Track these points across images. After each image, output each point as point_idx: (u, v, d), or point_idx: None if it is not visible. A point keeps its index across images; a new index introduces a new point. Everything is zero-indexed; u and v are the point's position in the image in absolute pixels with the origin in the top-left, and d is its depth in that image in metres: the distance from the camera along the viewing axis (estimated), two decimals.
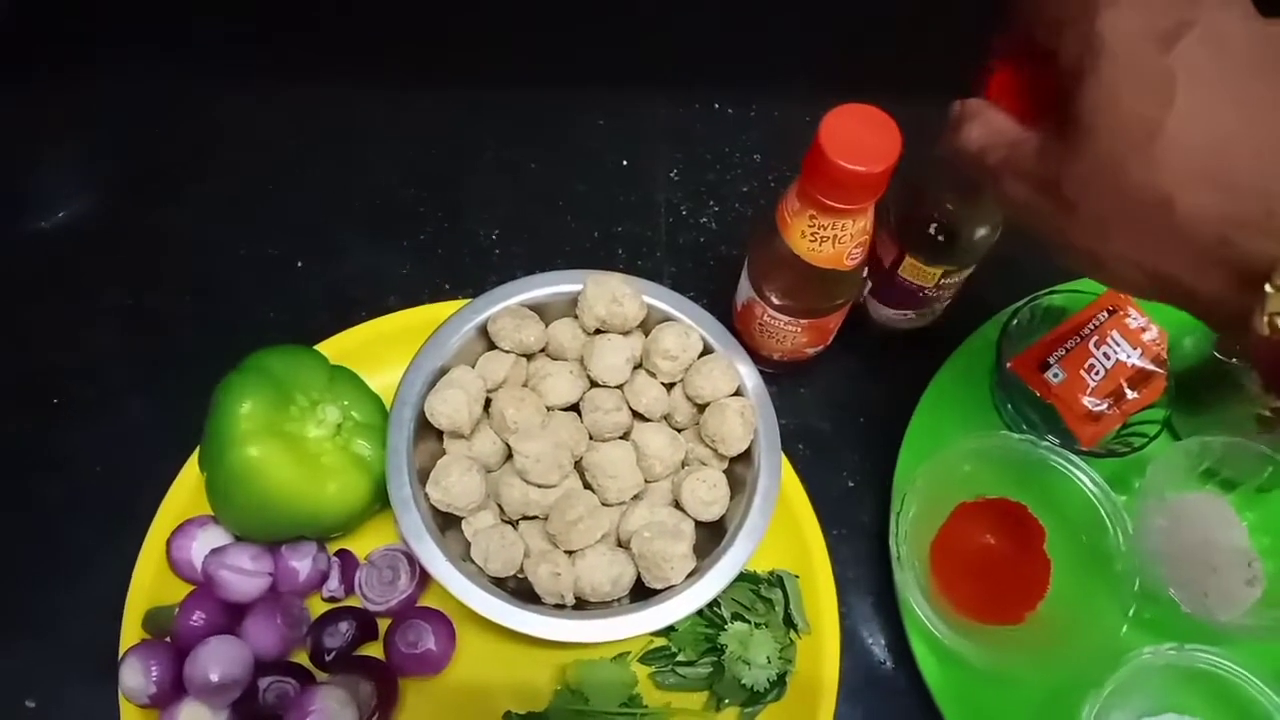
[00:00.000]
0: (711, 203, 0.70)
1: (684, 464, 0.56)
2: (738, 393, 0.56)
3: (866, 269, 0.58)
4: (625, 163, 0.70)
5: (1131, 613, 0.54)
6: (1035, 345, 0.61)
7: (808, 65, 0.71)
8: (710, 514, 0.54)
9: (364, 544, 0.56)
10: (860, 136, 0.46)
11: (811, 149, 0.47)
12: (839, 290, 0.55)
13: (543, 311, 0.58)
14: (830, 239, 0.50)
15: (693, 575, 0.52)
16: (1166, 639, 0.54)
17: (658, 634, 0.55)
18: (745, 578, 0.56)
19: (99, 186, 0.68)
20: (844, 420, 0.63)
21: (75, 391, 0.61)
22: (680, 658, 0.55)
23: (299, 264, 0.66)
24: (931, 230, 0.53)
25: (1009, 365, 0.61)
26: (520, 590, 0.53)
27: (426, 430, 0.55)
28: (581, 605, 0.52)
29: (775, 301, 0.56)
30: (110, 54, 0.72)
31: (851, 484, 0.61)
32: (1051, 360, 0.60)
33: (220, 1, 0.73)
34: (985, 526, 0.59)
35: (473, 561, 0.53)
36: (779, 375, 0.64)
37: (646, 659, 0.55)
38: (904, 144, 0.46)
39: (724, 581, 0.52)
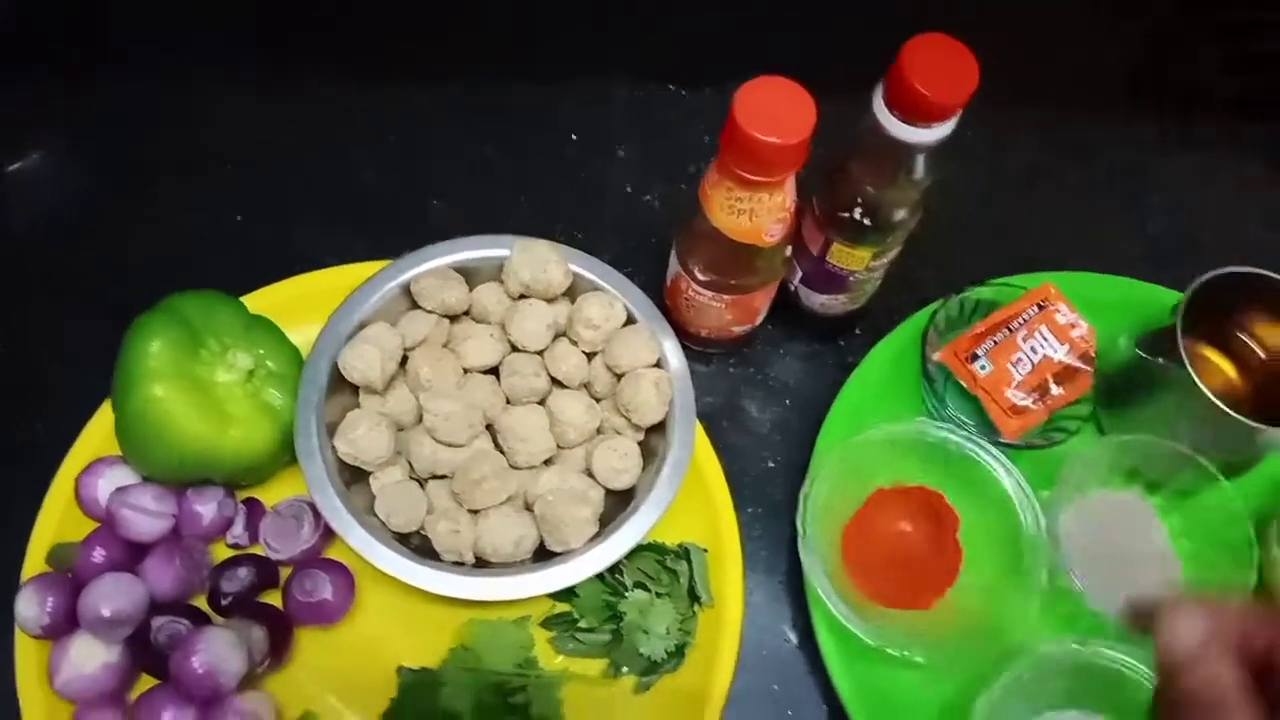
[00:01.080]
0: (659, 183, 0.70)
1: (600, 432, 0.57)
2: (658, 365, 0.56)
3: (797, 258, 0.59)
4: (575, 138, 0.70)
5: (1038, 605, 0.53)
6: (965, 336, 0.60)
7: (764, 50, 0.70)
8: (620, 482, 0.54)
9: (275, 494, 0.56)
10: (775, 109, 0.46)
11: (727, 121, 0.47)
12: (761, 267, 0.55)
13: (471, 275, 0.58)
14: (747, 212, 0.50)
15: (595, 541, 0.52)
16: (1078, 634, 0.54)
17: (560, 599, 0.55)
18: (652, 548, 0.56)
19: (88, 183, 0.69)
20: (771, 401, 0.63)
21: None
22: (582, 624, 0.55)
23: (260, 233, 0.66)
24: (853, 214, 0.53)
25: (938, 356, 0.61)
26: (423, 548, 0.53)
27: (342, 385, 0.55)
28: (483, 565, 0.53)
29: (700, 277, 0.56)
30: (104, 54, 0.72)
31: (772, 464, 0.61)
32: (980, 352, 0.60)
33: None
34: (901, 513, 0.59)
35: (377, 516, 0.53)
36: (710, 354, 0.64)
37: (548, 624, 0.55)
38: (823, 129, 0.46)
39: (624, 548, 0.52)
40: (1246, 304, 0.58)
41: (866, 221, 0.53)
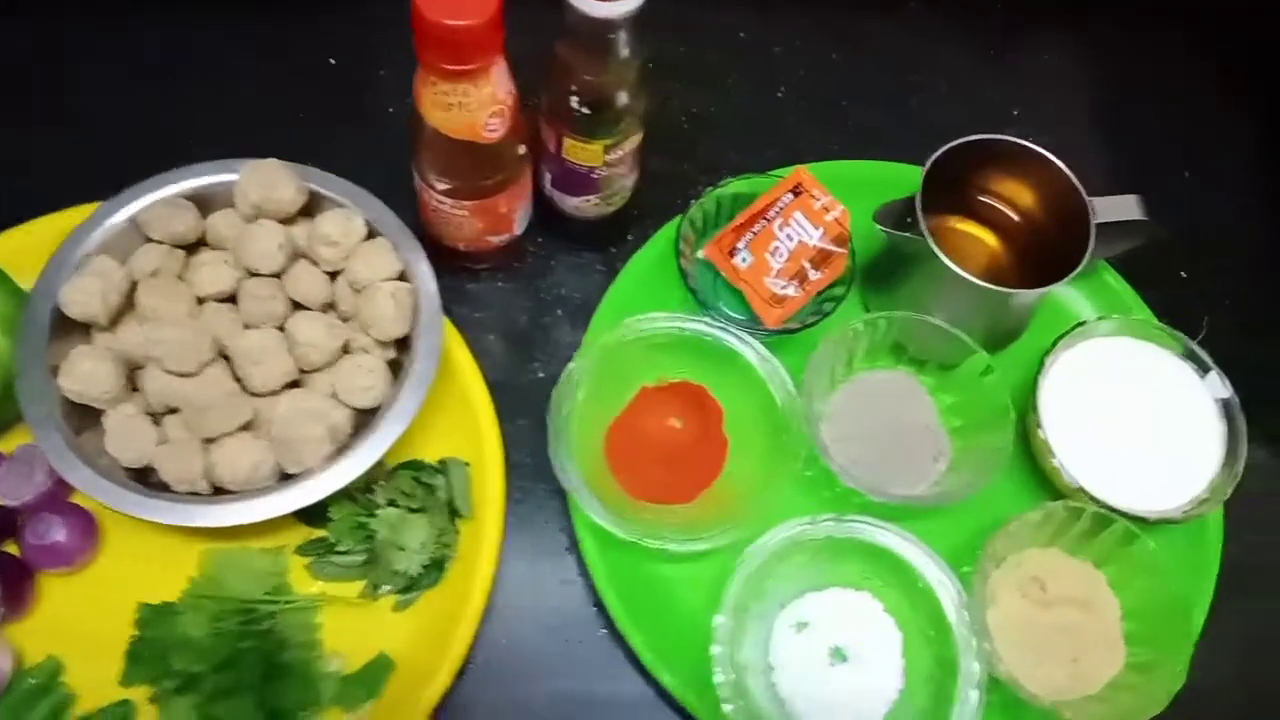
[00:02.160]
0: None
1: (349, 353, 0.55)
2: (403, 279, 0.55)
3: (543, 161, 0.57)
4: (333, 61, 0.68)
5: (795, 488, 0.54)
6: (727, 230, 0.60)
7: None
8: (366, 400, 0.53)
9: (16, 442, 0.54)
10: None
11: (413, 12, 0.46)
12: (490, 167, 0.54)
13: (208, 204, 0.56)
14: (457, 105, 0.49)
15: (335, 460, 0.51)
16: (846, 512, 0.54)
17: (317, 525, 0.54)
18: (409, 465, 0.55)
19: None
20: (541, 312, 0.62)
21: None
22: (340, 548, 0.54)
23: None
24: (572, 103, 0.52)
25: (703, 253, 0.60)
26: (164, 483, 0.51)
27: (73, 327, 0.53)
28: (224, 494, 0.51)
29: (438, 186, 0.55)
30: None
31: (541, 374, 0.60)
32: (740, 245, 0.59)
33: None
34: (668, 409, 0.58)
35: (108, 454, 0.51)
36: (479, 270, 0.62)
37: (304, 550, 0.54)
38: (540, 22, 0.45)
39: (364, 465, 0.51)
40: (992, 170, 0.58)
41: (586, 110, 0.52)
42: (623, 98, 0.52)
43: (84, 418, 0.52)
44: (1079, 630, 0.54)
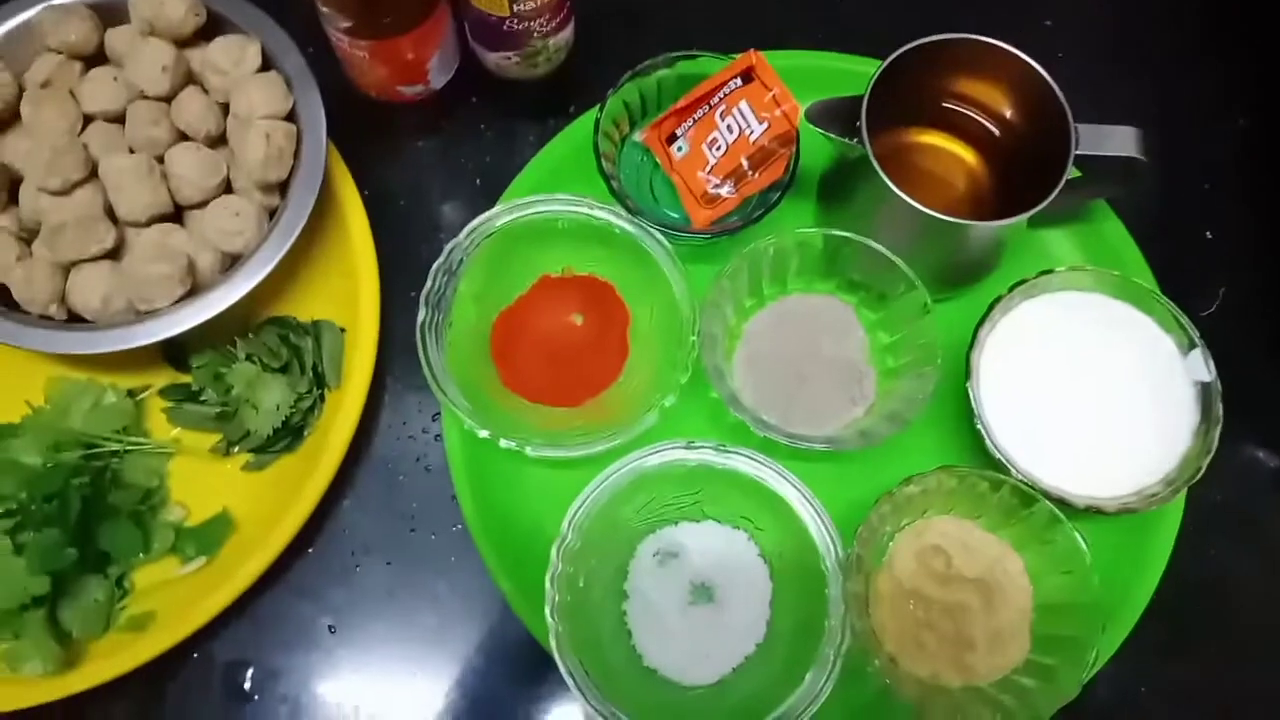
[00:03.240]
0: None
1: (231, 193, 0.51)
2: (291, 121, 0.50)
3: (461, 10, 0.51)
4: None
5: (708, 402, 0.48)
6: (669, 113, 0.53)
7: None
8: (232, 245, 0.50)
9: None
10: None
11: None
12: (385, 3, 0.48)
13: (114, 16, 0.52)
14: None
15: (186, 301, 0.48)
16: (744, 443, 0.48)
17: (182, 370, 0.52)
18: (276, 321, 0.52)
19: None
20: (457, 180, 0.57)
21: None
22: (201, 398, 0.51)
23: None
24: None
25: (640, 136, 0.54)
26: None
27: None
28: (79, 322, 0.49)
29: (338, 23, 0.50)
30: None
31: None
32: (679, 132, 0.53)
33: None
34: (568, 303, 0.53)
35: None
36: (399, 127, 0.57)
37: (165, 393, 0.52)
38: None
39: (213, 309, 0.48)
40: (969, 77, 0.49)
41: None
42: None
43: None
44: (975, 615, 0.47)
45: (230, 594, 0.47)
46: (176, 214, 0.51)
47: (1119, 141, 0.46)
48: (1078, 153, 0.46)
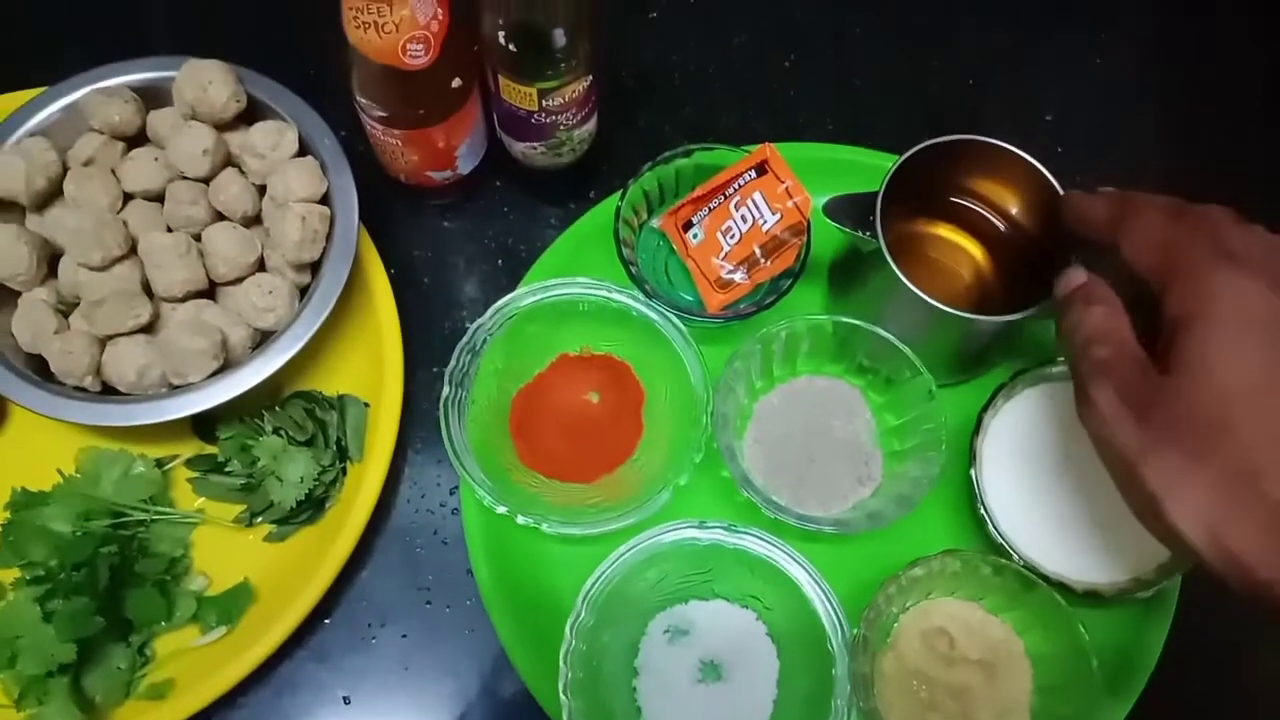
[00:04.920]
0: None
1: (264, 271, 0.53)
2: (325, 203, 0.53)
3: (493, 102, 0.54)
4: None
5: (718, 481, 0.50)
6: (686, 201, 0.55)
7: None
8: (265, 321, 0.51)
9: None
10: None
11: None
12: (421, 96, 0.50)
13: (158, 99, 0.55)
14: (374, 25, 0.46)
15: (219, 376, 0.49)
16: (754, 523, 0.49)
17: (208, 441, 0.53)
18: (303, 395, 0.53)
19: None
20: (481, 260, 0.59)
21: None
22: (227, 469, 0.53)
23: None
24: (502, 40, 0.48)
25: (658, 223, 0.56)
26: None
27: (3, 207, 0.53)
28: (113, 394, 0.51)
29: (371, 112, 0.52)
30: None
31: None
32: (695, 219, 0.55)
33: None
34: (585, 381, 0.55)
35: (12, 335, 0.51)
36: (431, 206, 0.60)
37: (192, 464, 0.53)
38: None
39: (245, 384, 0.49)
40: (976, 173, 0.52)
41: (513, 48, 0.48)
42: (559, 37, 0.47)
43: (3, 298, 0.52)
44: (978, 696, 0.48)
45: (249, 664, 0.48)
46: (210, 290, 0.53)
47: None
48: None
